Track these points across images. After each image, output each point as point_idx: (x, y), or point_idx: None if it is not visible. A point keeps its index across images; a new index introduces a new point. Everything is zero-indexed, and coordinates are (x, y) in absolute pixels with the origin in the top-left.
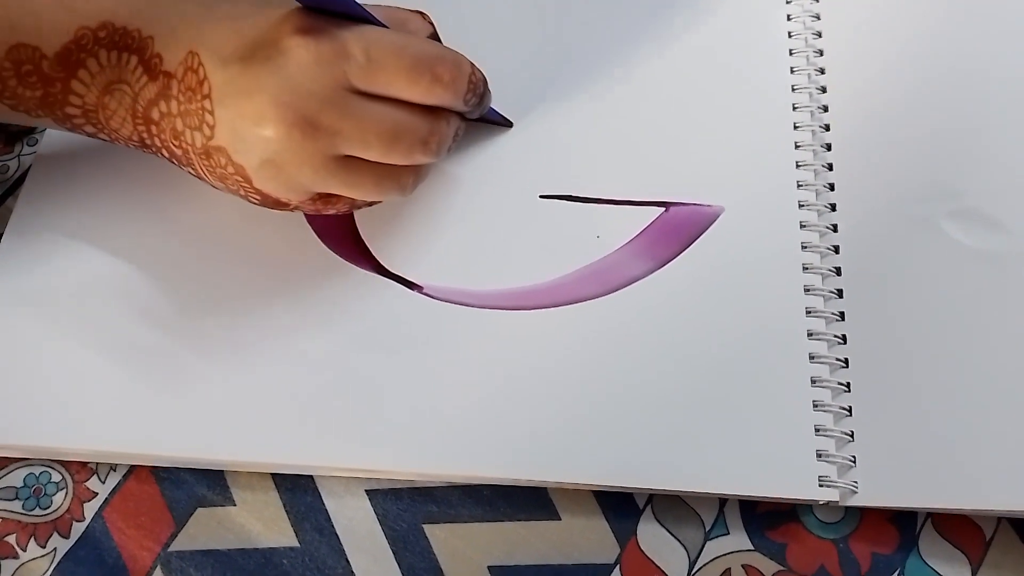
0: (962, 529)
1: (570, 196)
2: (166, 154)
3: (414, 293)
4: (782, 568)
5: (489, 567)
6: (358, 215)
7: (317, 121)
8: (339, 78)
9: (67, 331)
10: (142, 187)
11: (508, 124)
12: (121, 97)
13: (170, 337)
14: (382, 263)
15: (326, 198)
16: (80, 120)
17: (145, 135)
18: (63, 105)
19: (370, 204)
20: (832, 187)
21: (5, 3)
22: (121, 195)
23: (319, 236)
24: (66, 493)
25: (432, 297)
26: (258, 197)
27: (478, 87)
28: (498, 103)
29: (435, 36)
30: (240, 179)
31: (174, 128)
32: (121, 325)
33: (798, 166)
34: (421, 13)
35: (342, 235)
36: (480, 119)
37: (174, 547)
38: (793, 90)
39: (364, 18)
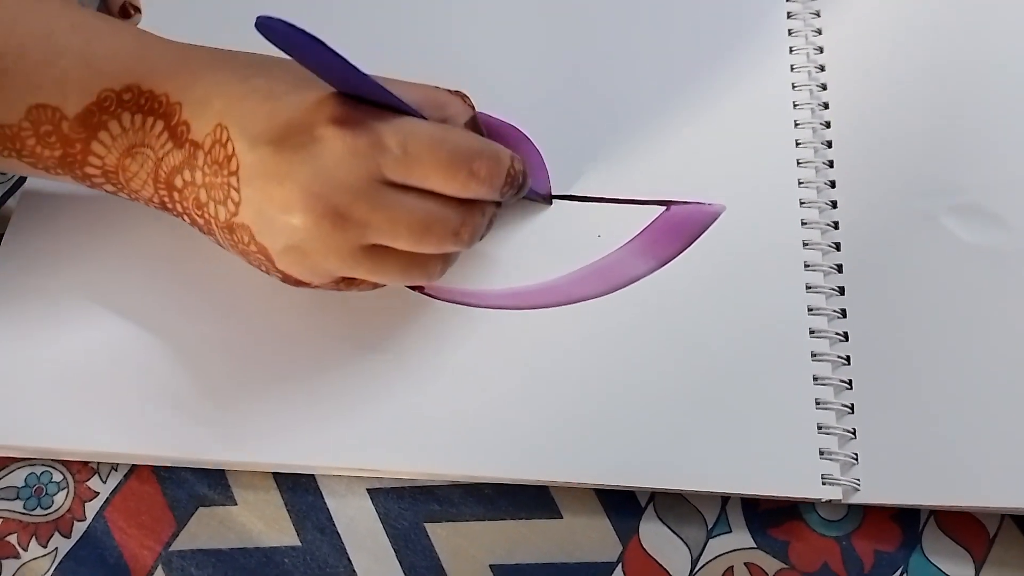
0: (965, 526)
1: (571, 195)
2: (187, 220)
3: (415, 293)
4: (785, 566)
5: (491, 566)
6: None
7: (347, 213)
8: (373, 171)
9: (68, 331)
10: None
11: (548, 202)
12: (143, 161)
13: (171, 337)
14: None
15: (349, 281)
16: (100, 179)
17: (167, 200)
18: (82, 165)
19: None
20: (833, 184)
21: (26, 60)
22: (121, 200)
23: None
24: (67, 493)
25: (433, 297)
26: (280, 276)
27: (516, 179)
28: (499, 102)
29: (474, 120)
30: (263, 257)
31: (197, 198)
32: (122, 325)
33: (799, 164)
34: (462, 95)
35: None
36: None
37: (175, 546)
38: (794, 88)
39: (401, 109)
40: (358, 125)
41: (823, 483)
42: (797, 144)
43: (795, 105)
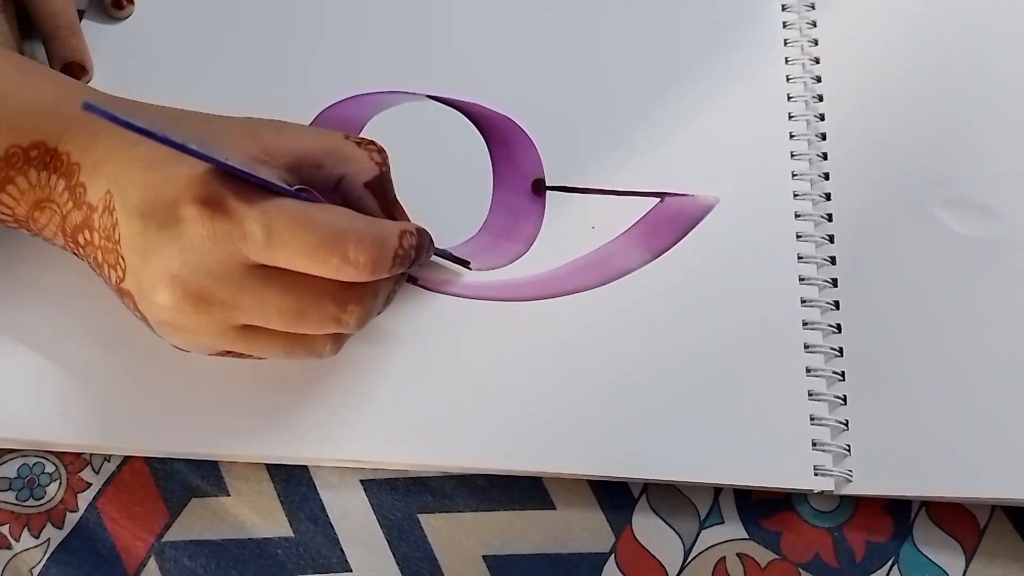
0: (956, 517)
1: (565, 187)
2: (97, 274)
3: (408, 284)
4: (777, 557)
5: (484, 556)
6: None
7: (211, 296)
8: (236, 255)
9: (62, 323)
10: None
11: (466, 264)
12: (51, 215)
13: None
14: None
15: (238, 355)
16: (13, 225)
17: (77, 251)
18: None
19: None
20: (827, 176)
21: None
22: None
23: None
24: (60, 484)
25: (427, 288)
26: (172, 341)
27: (408, 257)
28: (494, 95)
29: (380, 179)
30: (147, 324)
31: (96, 258)
32: (115, 316)
33: (793, 156)
34: (377, 148)
35: None
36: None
37: (168, 537)
38: (788, 80)
39: (273, 188)
40: (219, 209)
41: (815, 474)
42: (791, 136)
43: (789, 97)
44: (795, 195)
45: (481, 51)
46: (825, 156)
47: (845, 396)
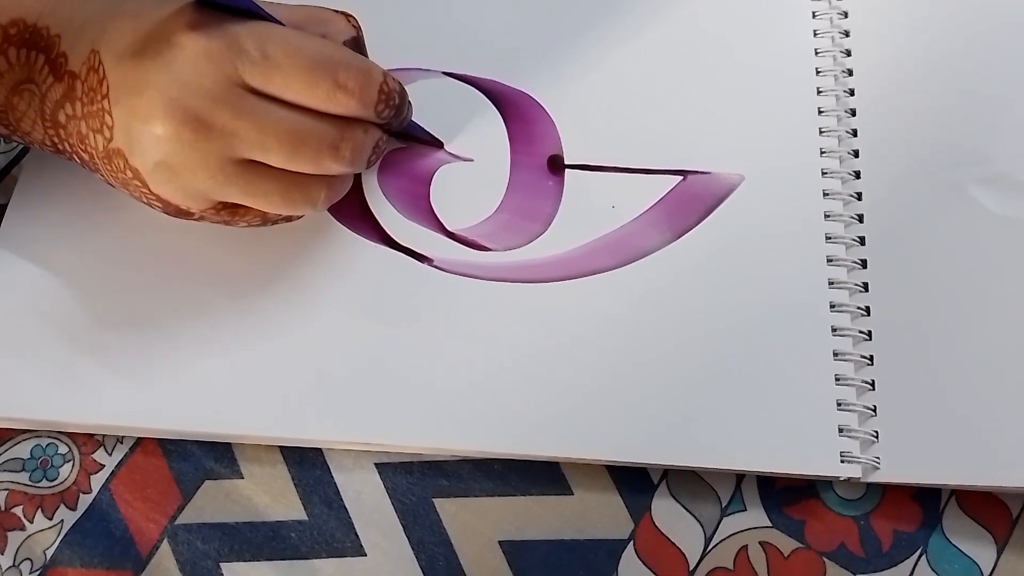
0: (987, 506)
1: (584, 165)
2: (77, 160)
3: (424, 265)
4: (800, 545)
5: (500, 542)
6: (367, 187)
7: (209, 119)
8: (231, 74)
9: (74, 302)
10: None
11: (439, 144)
12: (30, 98)
13: (178, 309)
14: (391, 235)
15: (232, 209)
16: None
17: (56, 139)
18: None
19: (287, 219)
20: (856, 154)
21: None
22: None
23: (328, 209)
24: (73, 465)
25: (442, 270)
26: (159, 204)
27: (392, 98)
28: (512, 71)
29: (357, 41)
30: (139, 183)
31: (79, 131)
32: (128, 296)
33: (821, 132)
34: (346, 15)
35: (351, 207)
36: (407, 137)
37: (181, 520)
38: (816, 54)
39: (263, 16)
40: (214, 29)
41: (842, 461)
42: (820, 112)
43: (818, 72)
44: (823, 173)
45: (498, 26)
46: (855, 133)
47: (873, 381)
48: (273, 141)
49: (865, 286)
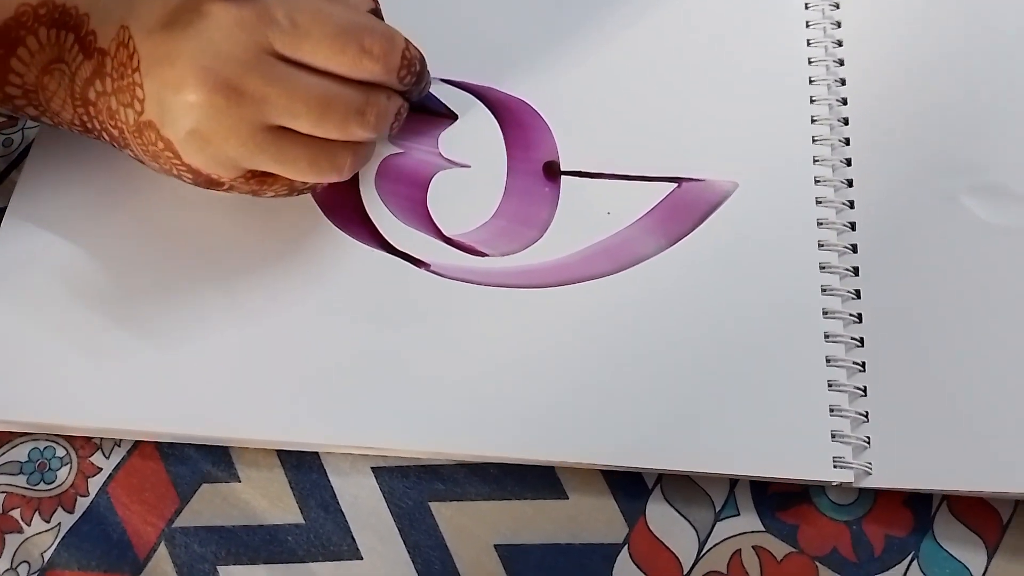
0: (978, 512)
1: (580, 171)
2: (106, 137)
3: (421, 270)
4: (793, 550)
5: (495, 545)
6: (365, 193)
7: (240, 86)
8: (262, 42)
9: (71, 305)
10: None
11: (453, 116)
12: (60, 77)
13: (176, 313)
14: (389, 240)
15: (261, 178)
16: (22, 101)
17: (85, 117)
18: (3, 85)
19: (311, 188)
20: (849, 162)
21: None
22: (126, 168)
23: (325, 213)
24: (70, 468)
25: (439, 275)
26: (190, 175)
27: (413, 64)
28: (508, 78)
29: (377, 12)
30: (170, 155)
31: (109, 107)
32: (126, 299)
33: (814, 140)
34: None
35: (349, 212)
36: (422, 109)
37: (178, 523)
38: (810, 63)
39: None
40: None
41: (834, 466)
42: (813, 120)
43: (811, 81)
44: (816, 181)
45: (495, 34)
46: (847, 141)
47: (865, 387)
48: (302, 107)
49: (857, 293)
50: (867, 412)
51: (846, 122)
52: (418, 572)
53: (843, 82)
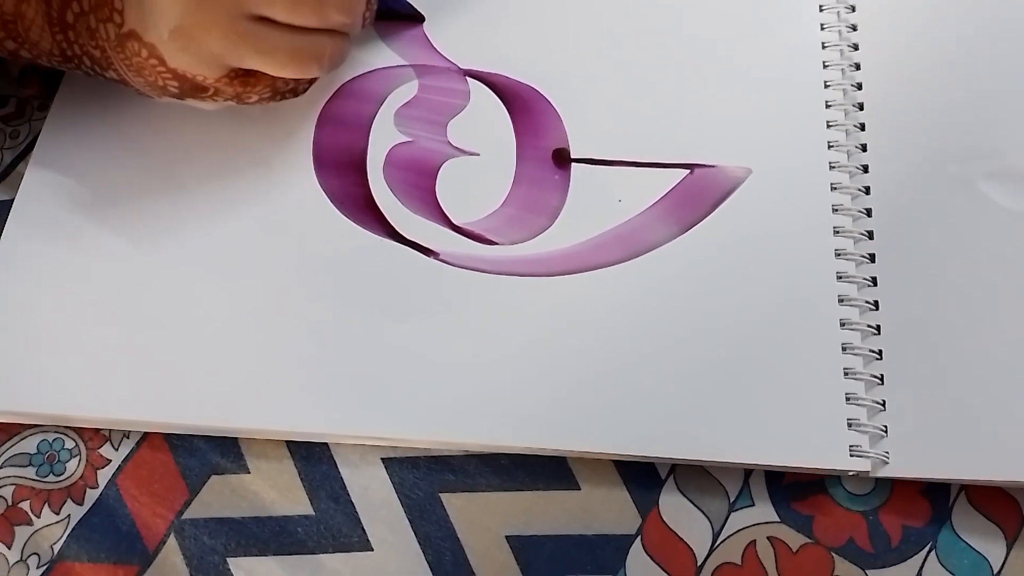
0: (997, 502)
1: (590, 158)
2: (88, 62)
3: (430, 259)
4: (809, 540)
5: (507, 537)
6: (373, 181)
7: None
8: None
9: (79, 297)
10: (153, 153)
11: (420, 18)
12: (37, 4)
13: (184, 304)
14: (397, 229)
15: (244, 78)
16: (1, 35)
17: (64, 44)
18: None
19: (293, 92)
20: (864, 148)
21: None
22: (132, 161)
23: (334, 203)
24: (80, 460)
25: (448, 263)
26: (175, 83)
27: None
28: (519, 63)
29: None
30: (155, 61)
31: (89, 27)
32: (134, 291)
33: (829, 126)
34: None
35: (358, 201)
36: (392, 16)
37: (188, 515)
38: (823, 47)
39: None
40: None
41: (851, 455)
42: (827, 106)
43: (825, 65)
44: (831, 166)
45: (504, 20)
46: (863, 126)
47: (882, 375)
48: None
49: (874, 280)
50: (884, 400)
51: (861, 107)
52: (429, 563)
53: (858, 67)
